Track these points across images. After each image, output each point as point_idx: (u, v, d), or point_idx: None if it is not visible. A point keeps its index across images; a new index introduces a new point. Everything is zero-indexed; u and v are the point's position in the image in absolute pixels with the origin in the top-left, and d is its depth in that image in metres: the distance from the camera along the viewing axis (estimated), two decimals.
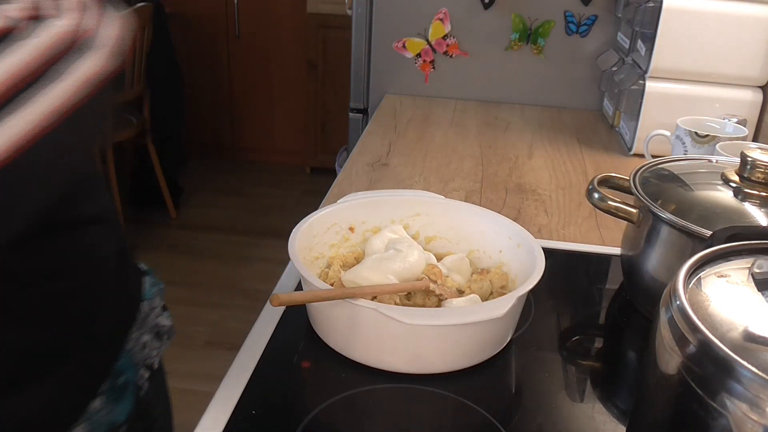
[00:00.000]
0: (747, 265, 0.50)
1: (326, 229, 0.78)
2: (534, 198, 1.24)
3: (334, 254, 0.79)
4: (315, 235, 0.77)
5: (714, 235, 0.56)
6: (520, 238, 0.76)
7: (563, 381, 0.69)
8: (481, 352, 0.69)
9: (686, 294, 0.45)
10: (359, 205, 0.80)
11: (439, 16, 1.76)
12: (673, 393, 0.44)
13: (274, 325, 0.73)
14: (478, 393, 0.66)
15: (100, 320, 0.61)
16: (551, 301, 0.82)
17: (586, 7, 1.71)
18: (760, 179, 0.73)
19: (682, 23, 1.38)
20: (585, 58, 1.77)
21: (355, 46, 1.82)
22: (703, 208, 0.74)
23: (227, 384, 0.64)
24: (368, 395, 0.65)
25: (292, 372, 0.68)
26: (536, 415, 0.64)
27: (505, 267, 0.78)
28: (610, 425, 0.63)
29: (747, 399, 0.38)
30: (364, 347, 0.67)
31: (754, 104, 1.43)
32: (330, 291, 0.66)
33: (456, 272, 0.76)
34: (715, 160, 0.86)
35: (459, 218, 0.83)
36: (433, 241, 0.84)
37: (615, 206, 0.80)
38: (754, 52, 1.40)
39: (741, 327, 0.43)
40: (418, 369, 0.67)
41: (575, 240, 1.07)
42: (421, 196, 0.85)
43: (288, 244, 0.70)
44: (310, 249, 0.76)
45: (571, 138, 1.60)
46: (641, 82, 1.45)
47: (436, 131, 1.60)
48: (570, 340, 0.78)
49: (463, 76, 1.82)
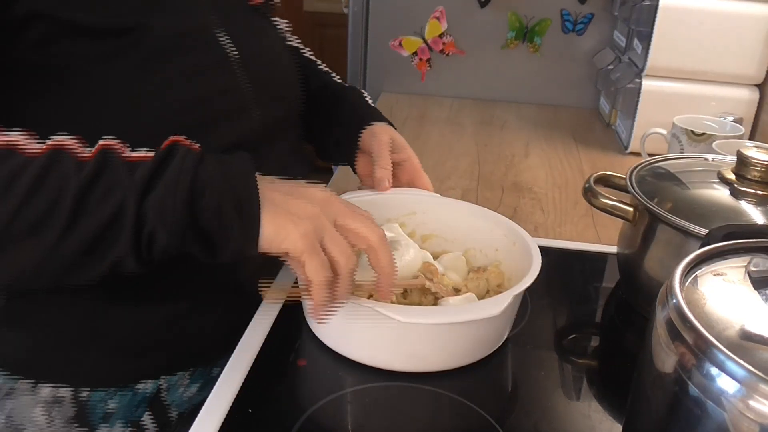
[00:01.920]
0: (743, 263, 0.50)
1: None
2: (530, 196, 1.24)
3: None
4: None
5: (710, 234, 0.56)
6: (516, 236, 0.76)
7: (559, 379, 0.69)
8: (477, 350, 0.69)
9: (682, 292, 0.45)
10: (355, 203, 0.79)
11: (436, 15, 1.76)
12: (669, 391, 0.44)
13: (271, 324, 0.73)
14: (474, 391, 0.66)
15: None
16: (547, 299, 0.82)
17: (582, 5, 1.71)
18: (757, 178, 0.73)
19: (679, 21, 1.38)
20: (581, 56, 1.77)
21: (351, 45, 1.82)
22: (700, 207, 0.74)
23: (223, 382, 0.64)
24: (364, 394, 0.65)
25: (289, 370, 0.68)
26: (532, 414, 0.64)
27: (502, 265, 0.78)
28: (606, 423, 0.63)
29: (743, 397, 0.38)
30: (360, 345, 0.67)
31: (750, 102, 1.44)
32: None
33: (452, 271, 0.76)
34: (711, 158, 0.86)
35: (455, 217, 0.83)
36: (429, 239, 0.84)
37: (611, 204, 0.80)
38: (751, 50, 1.40)
39: (737, 325, 0.43)
40: (414, 367, 0.67)
41: (571, 238, 1.07)
42: (417, 195, 0.85)
43: None
44: None
45: (567, 136, 1.60)
46: (638, 80, 1.46)
47: (432, 129, 1.60)
48: (566, 338, 0.78)
49: (460, 74, 1.82)
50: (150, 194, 0.55)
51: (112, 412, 0.76)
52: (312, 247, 0.57)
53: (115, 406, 0.76)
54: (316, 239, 0.57)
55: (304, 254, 0.57)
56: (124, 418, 0.76)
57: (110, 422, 0.76)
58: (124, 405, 0.76)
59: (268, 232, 0.57)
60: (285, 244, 0.57)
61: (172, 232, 0.56)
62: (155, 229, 0.55)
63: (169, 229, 0.55)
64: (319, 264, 0.57)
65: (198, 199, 0.56)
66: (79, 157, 0.56)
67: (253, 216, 0.57)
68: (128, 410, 0.76)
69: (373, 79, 1.85)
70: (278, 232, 0.57)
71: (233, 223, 0.57)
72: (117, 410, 0.76)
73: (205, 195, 0.56)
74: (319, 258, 0.57)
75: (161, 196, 0.55)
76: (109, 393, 0.75)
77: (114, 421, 0.76)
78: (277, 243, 0.57)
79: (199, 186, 0.56)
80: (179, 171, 0.56)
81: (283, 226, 0.57)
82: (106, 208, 0.54)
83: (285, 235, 0.57)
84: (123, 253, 0.56)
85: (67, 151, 0.56)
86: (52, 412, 0.75)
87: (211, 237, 0.57)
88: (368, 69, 1.85)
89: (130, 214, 0.54)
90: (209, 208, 0.56)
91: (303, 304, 0.72)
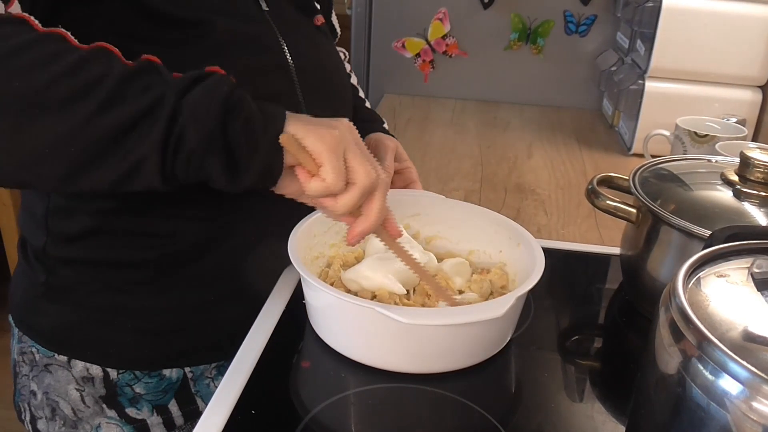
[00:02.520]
0: (746, 264, 0.50)
1: (326, 228, 0.78)
2: (533, 198, 1.24)
3: (335, 254, 0.79)
4: (315, 234, 0.77)
5: (713, 235, 0.56)
6: (520, 237, 0.76)
7: (562, 381, 0.69)
8: (480, 352, 0.69)
9: (686, 294, 0.45)
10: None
11: (439, 16, 1.76)
12: (672, 393, 0.44)
13: (274, 325, 0.73)
14: (477, 393, 0.66)
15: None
16: (550, 300, 0.82)
17: (585, 6, 1.71)
18: (760, 179, 0.73)
19: (682, 23, 1.38)
20: (584, 57, 1.77)
21: (354, 46, 1.82)
22: (703, 208, 0.73)
23: (227, 383, 0.64)
24: (367, 395, 0.65)
25: (292, 372, 0.68)
26: (535, 415, 0.64)
27: (506, 267, 0.78)
28: (609, 425, 0.63)
29: (746, 399, 0.38)
30: (363, 347, 0.67)
31: (753, 104, 1.44)
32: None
33: (456, 275, 0.76)
34: (714, 159, 0.86)
35: (459, 218, 0.83)
36: (433, 240, 0.84)
37: (614, 206, 0.80)
38: (754, 51, 1.40)
39: (740, 327, 0.43)
40: (417, 368, 0.67)
41: (574, 240, 1.07)
42: (422, 196, 0.85)
43: (288, 244, 0.70)
44: (310, 248, 0.76)
45: (570, 138, 1.60)
46: (640, 81, 1.46)
47: (435, 131, 1.60)
48: (569, 339, 0.78)
49: (463, 75, 1.82)
50: (188, 93, 0.56)
51: (140, 396, 0.79)
52: (333, 150, 0.58)
53: (142, 390, 0.79)
54: (339, 147, 0.58)
55: (323, 154, 0.57)
56: (151, 403, 0.79)
57: (138, 406, 0.79)
58: (151, 390, 0.79)
59: (297, 130, 0.58)
60: (306, 140, 0.58)
61: (201, 134, 0.56)
62: (187, 128, 0.55)
63: (199, 130, 0.56)
64: (336, 168, 0.58)
65: (233, 107, 0.57)
66: (124, 60, 0.57)
67: (277, 127, 0.58)
68: (155, 396, 0.79)
69: (376, 81, 1.86)
70: (308, 130, 0.58)
71: (259, 137, 0.58)
72: (144, 394, 0.79)
73: (241, 106, 0.57)
74: (337, 162, 0.58)
75: (199, 96, 0.56)
76: (137, 376, 0.78)
77: (141, 405, 0.79)
78: (305, 139, 0.58)
79: (235, 98, 0.57)
80: (220, 80, 0.58)
81: (312, 129, 0.58)
82: (144, 99, 0.55)
83: (314, 132, 0.58)
84: (148, 151, 0.55)
85: (113, 51, 0.57)
86: (83, 391, 0.78)
87: (236, 151, 0.58)
88: (371, 70, 1.85)
89: (167, 107, 0.55)
90: (241, 118, 0.57)
91: (306, 306, 0.72)
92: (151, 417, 0.80)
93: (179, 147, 0.56)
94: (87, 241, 0.74)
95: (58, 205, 0.73)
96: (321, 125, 0.59)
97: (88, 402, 0.79)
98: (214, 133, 0.56)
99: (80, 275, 0.76)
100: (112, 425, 0.79)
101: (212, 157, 0.57)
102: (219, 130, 0.56)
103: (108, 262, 0.75)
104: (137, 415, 0.79)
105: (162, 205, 0.72)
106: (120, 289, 0.76)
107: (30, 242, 0.78)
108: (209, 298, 0.78)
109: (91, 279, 0.76)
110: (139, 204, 0.71)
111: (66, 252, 0.75)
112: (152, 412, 0.80)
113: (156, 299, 0.76)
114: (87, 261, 0.75)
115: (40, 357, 0.79)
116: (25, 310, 0.80)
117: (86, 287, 0.76)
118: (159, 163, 0.56)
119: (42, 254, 0.76)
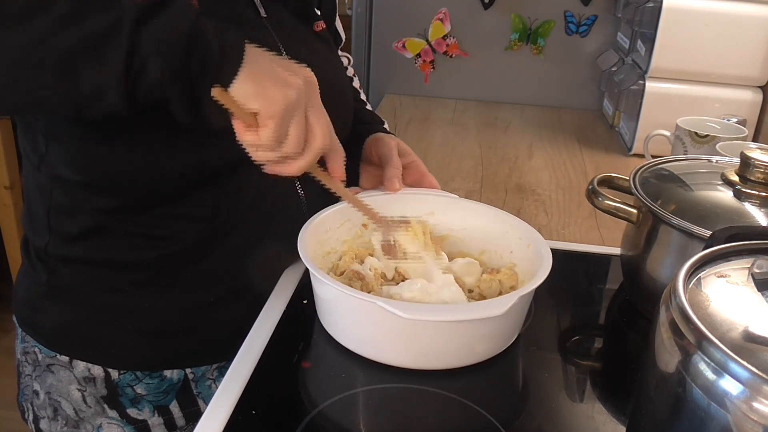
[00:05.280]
0: (747, 265, 0.50)
1: (339, 224, 0.79)
2: (534, 198, 1.24)
3: (347, 249, 0.79)
4: (327, 230, 0.78)
5: (714, 235, 0.56)
6: (530, 238, 0.77)
7: (563, 381, 0.69)
8: (482, 350, 0.69)
9: (686, 294, 0.45)
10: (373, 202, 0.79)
11: (439, 16, 1.76)
12: (672, 393, 0.44)
13: (274, 325, 0.73)
14: (478, 393, 0.66)
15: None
16: (551, 301, 0.82)
17: (585, 7, 1.71)
18: (760, 179, 0.73)
19: (682, 23, 1.38)
20: (585, 58, 1.77)
21: (354, 46, 1.82)
22: (703, 208, 0.74)
23: (227, 384, 0.64)
24: (368, 395, 0.65)
25: (293, 372, 0.68)
26: (536, 415, 0.64)
27: (515, 267, 0.78)
28: (610, 425, 0.63)
29: (746, 399, 0.38)
30: (366, 340, 0.68)
31: (753, 104, 1.44)
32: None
33: (466, 274, 0.77)
34: (714, 160, 0.86)
35: (471, 218, 0.83)
36: (445, 240, 0.84)
37: (615, 206, 0.80)
38: (754, 52, 1.40)
39: (741, 327, 0.43)
40: (418, 364, 0.67)
41: (575, 240, 1.07)
42: (437, 195, 0.85)
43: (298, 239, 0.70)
44: (322, 244, 0.77)
45: (570, 138, 1.60)
46: (641, 82, 1.46)
47: (436, 131, 1.60)
48: (570, 340, 0.78)
49: (463, 76, 1.82)
50: (152, 19, 0.54)
51: (141, 397, 0.79)
52: (279, 115, 0.57)
53: (143, 390, 0.79)
54: (287, 112, 0.57)
55: (272, 119, 0.57)
56: (152, 404, 0.80)
57: (139, 406, 0.79)
58: (152, 390, 0.79)
59: (246, 87, 0.56)
60: (259, 102, 0.56)
61: (165, 68, 0.54)
62: (150, 59, 0.54)
63: (163, 64, 0.54)
64: (275, 133, 0.57)
65: (196, 39, 0.55)
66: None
67: (234, 61, 0.56)
68: (157, 396, 0.79)
69: (376, 81, 1.86)
70: (257, 89, 0.57)
71: (218, 62, 0.56)
72: (146, 395, 0.79)
73: (201, 40, 0.55)
74: (280, 128, 0.57)
75: (163, 25, 0.54)
76: (138, 376, 0.78)
77: (143, 405, 0.79)
78: (252, 99, 0.57)
79: (200, 28, 0.55)
80: (184, 9, 0.55)
81: (263, 86, 0.57)
82: (101, 22, 0.52)
83: (263, 94, 0.56)
84: (109, 80, 0.54)
85: None
86: (85, 391, 0.78)
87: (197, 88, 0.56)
88: (372, 71, 1.85)
89: (125, 34, 0.52)
90: (198, 58, 0.55)
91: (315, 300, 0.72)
92: (153, 418, 0.80)
93: (141, 76, 0.54)
94: (88, 241, 0.74)
95: (60, 203, 0.74)
96: (277, 83, 0.58)
97: (89, 402, 0.79)
98: (177, 66, 0.55)
99: (81, 275, 0.76)
100: (114, 425, 0.80)
101: (173, 89, 0.56)
102: (182, 64, 0.55)
103: (108, 262, 0.75)
104: (138, 415, 0.80)
105: (162, 206, 0.72)
106: (120, 290, 0.76)
107: (32, 242, 0.78)
108: (210, 299, 0.78)
109: (91, 279, 0.76)
110: (140, 204, 0.72)
111: (67, 252, 0.76)
112: (153, 412, 0.80)
113: (156, 300, 0.76)
114: (88, 261, 0.75)
115: (43, 357, 0.79)
116: (28, 309, 0.81)
117: (87, 287, 0.76)
118: (121, 93, 0.55)
119: (44, 254, 0.77)
